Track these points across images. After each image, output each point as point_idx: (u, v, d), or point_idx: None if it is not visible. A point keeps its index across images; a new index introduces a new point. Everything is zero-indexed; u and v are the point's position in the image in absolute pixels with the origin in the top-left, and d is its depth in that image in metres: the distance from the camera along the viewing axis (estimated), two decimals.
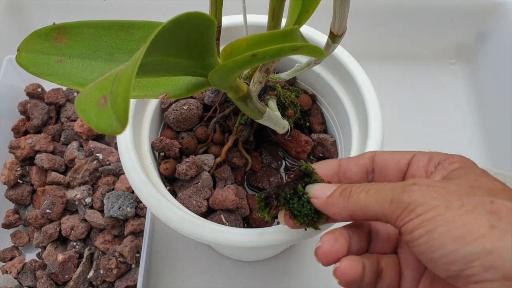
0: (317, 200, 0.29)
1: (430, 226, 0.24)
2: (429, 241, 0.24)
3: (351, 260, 0.27)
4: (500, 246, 0.22)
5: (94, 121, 0.19)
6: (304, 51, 0.25)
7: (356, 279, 0.27)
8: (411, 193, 0.25)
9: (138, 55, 0.19)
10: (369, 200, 0.26)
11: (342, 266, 0.27)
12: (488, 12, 0.73)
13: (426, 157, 0.29)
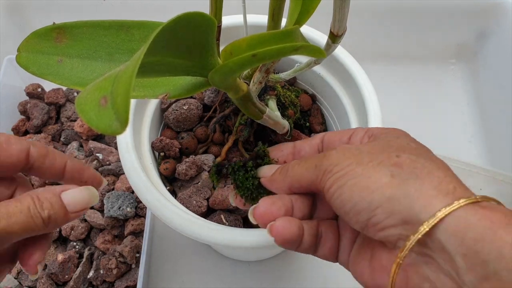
0: (263, 178, 0.32)
1: (341, 182, 0.26)
2: (341, 195, 0.26)
3: (287, 220, 0.28)
4: (399, 192, 0.24)
5: (95, 121, 0.19)
6: (304, 51, 0.25)
7: (292, 238, 0.28)
8: (329, 157, 0.27)
9: (138, 55, 0.19)
10: (300, 170, 0.29)
11: (276, 224, 0.28)
12: (488, 12, 0.73)
13: (363, 131, 0.31)
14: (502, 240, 0.20)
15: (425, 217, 0.23)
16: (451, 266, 0.22)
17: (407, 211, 0.23)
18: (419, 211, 0.23)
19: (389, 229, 0.24)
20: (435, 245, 0.23)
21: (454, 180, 0.24)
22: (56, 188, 0.30)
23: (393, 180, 0.24)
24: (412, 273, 0.24)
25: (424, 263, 0.24)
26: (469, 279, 0.21)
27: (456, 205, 0.22)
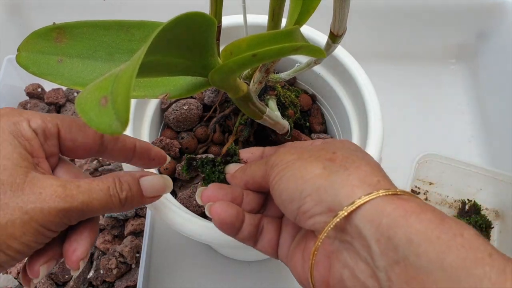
0: (227, 174, 0.35)
1: (282, 173, 0.28)
2: (280, 185, 0.28)
3: (225, 204, 0.30)
4: (327, 183, 0.25)
5: (95, 121, 0.19)
6: (304, 51, 0.25)
7: (229, 221, 0.30)
8: (277, 154, 0.30)
9: (139, 55, 0.19)
10: (255, 167, 0.32)
11: (215, 205, 0.30)
12: (488, 12, 0.73)
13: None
14: (413, 227, 0.22)
15: (346, 203, 0.24)
16: (367, 252, 0.23)
17: (332, 199, 0.25)
18: (342, 199, 0.24)
19: (316, 217, 0.26)
20: (353, 231, 0.24)
21: (380, 175, 0.26)
22: (136, 173, 0.32)
23: (324, 172, 0.26)
24: (334, 260, 0.26)
25: (345, 249, 0.25)
26: (381, 263, 0.22)
27: (375, 194, 0.24)
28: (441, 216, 0.23)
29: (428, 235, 0.21)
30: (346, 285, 0.25)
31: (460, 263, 0.20)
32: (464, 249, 0.20)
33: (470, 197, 0.65)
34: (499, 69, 0.71)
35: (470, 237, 0.21)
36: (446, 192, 0.65)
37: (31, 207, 0.26)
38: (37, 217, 0.26)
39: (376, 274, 0.23)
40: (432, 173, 0.65)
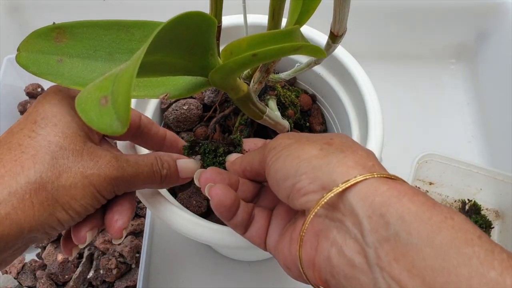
0: (228, 162, 0.36)
1: (279, 155, 0.29)
2: (275, 165, 0.28)
3: (225, 187, 0.31)
4: (323, 162, 0.26)
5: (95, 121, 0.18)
6: (305, 51, 0.25)
7: (228, 204, 0.30)
8: (275, 139, 0.31)
9: (139, 54, 0.19)
10: (253, 154, 0.33)
11: (215, 187, 0.31)
12: (488, 12, 0.73)
13: None
14: (405, 206, 0.22)
15: (340, 181, 0.25)
16: (357, 229, 0.24)
17: (326, 177, 0.25)
18: (336, 177, 0.25)
19: (309, 195, 0.26)
20: (346, 208, 0.25)
21: (375, 161, 0.27)
22: (173, 155, 0.35)
23: (321, 153, 0.27)
24: (322, 238, 0.26)
25: (334, 227, 0.26)
26: (371, 240, 0.23)
27: (369, 175, 0.24)
28: (433, 201, 0.23)
29: (420, 215, 0.22)
30: (333, 263, 0.25)
31: (450, 242, 0.20)
32: (454, 230, 0.21)
33: (470, 197, 0.65)
34: (499, 69, 0.71)
35: (460, 221, 0.22)
36: (446, 192, 0.65)
37: (90, 172, 0.28)
38: (95, 182, 0.29)
39: (365, 250, 0.23)
40: (432, 173, 0.65)
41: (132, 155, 0.32)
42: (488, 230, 0.62)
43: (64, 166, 0.28)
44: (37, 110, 0.29)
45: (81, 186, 0.28)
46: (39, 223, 0.27)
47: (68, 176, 0.28)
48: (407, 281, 0.21)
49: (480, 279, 0.19)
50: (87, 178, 0.28)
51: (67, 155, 0.28)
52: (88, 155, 0.29)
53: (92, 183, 0.29)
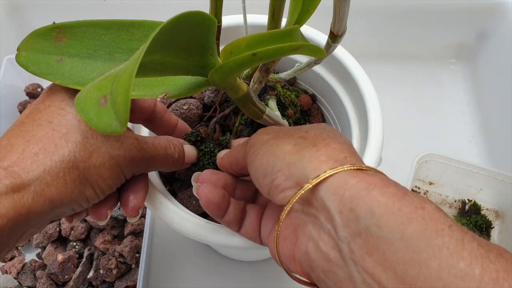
0: (217, 159, 0.37)
1: (257, 152, 0.29)
2: (255, 162, 0.29)
3: (213, 186, 0.32)
4: (296, 158, 0.26)
5: (94, 120, 0.18)
6: (304, 50, 0.25)
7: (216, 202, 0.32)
8: (255, 135, 0.31)
9: (138, 54, 0.19)
10: (237, 149, 0.33)
11: (204, 186, 0.32)
12: (488, 12, 0.73)
13: None
14: (374, 199, 0.22)
15: (312, 177, 0.25)
16: (330, 224, 0.24)
17: (299, 173, 0.26)
18: (308, 173, 0.25)
19: (286, 191, 0.26)
20: (318, 203, 0.25)
21: (348, 152, 0.27)
22: (180, 140, 0.37)
23: (294, 148, 0.27)
24: (300, 233, 0.27)
25: (310, 222, 0.26)
26: (343, 234, 0.23)
27: (339, 169, 0.24)
28: (404, 191, 0.23)
29: (390, 207, 0.22)
30: (311, 258, 0.25)
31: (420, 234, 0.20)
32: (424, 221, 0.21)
33: (470, 197, 0.64)
34: (499, 69, 0.71)
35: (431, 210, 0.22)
36: (446, 192, 0.65)
37: (116, 153, 0.30)
38: (120, 163, 0.30)
39: (339, 245, 0.23)
40: (432, 173, 0.65)
41: (149, 138, 0.33)
42: (488, 230, 0.62)
43: (94, 146, 0.29)
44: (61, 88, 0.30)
45: (109, 166, 0.30)
46: (70, 200, 0.28)
47: (98, 156, 0.29)
48: (380, 275, 0.21)
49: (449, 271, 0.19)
50: (114, 158, 0.30)
51: (96, 135, 0.29)
52: (114, 136, 0.30)
53: (118, 163, 0.30)
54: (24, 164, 0.26)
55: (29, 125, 0.29)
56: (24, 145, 0.27)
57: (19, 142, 0.27)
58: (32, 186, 0.26)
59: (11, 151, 0.27)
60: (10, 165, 0.26)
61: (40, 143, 0.27)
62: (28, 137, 0.28)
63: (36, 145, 0.27)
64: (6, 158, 0.27)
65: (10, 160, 0.27)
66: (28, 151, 0.27)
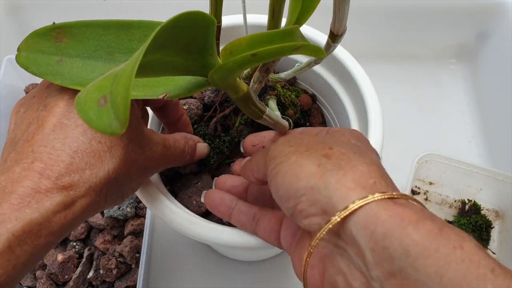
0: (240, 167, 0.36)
1: (278, 168, 0.27)
2: (276, 181, 0.27)
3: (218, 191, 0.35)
4: (321, 182, 0.24)
5: (94, 121, 0.18)
6: (304, 50, 0.25)
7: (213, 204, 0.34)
8: (275, 146, 0.29)
9: (138, 54, 0.19)
10: (257, 157, 0.32)
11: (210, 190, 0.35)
12: (488, 12, 0.73)
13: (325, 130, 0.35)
14: (410, 238, 0.20)
15: (340, 207, 0.23)
16: (361, 260, 0.22)
17: (326, 201, 0.24)
18: (336, 201, 0.23)
19: (311, 218, 0.25)
20: (348, 237, 0.23)
21: (377, 175, 0.25)
22: (194, 137, 0.39)
23: (318, 170, 0.25)
24: (328, 265, 0.25)
25: (339, 254, 0.24)
26: (376, 274, 0.21)
27: (370, 199, 0.22)
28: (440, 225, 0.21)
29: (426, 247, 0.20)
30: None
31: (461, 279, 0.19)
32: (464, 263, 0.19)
33: (470, 197, 0.64)
34: (499, 69, 0.71)
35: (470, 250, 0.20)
36: (446, 192, 0.65)
37: (149, 165, 0.31)
38: (149, 172, 0.33)
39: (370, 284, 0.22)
40: (432, 173, 0.65)
41: (170, 138, 0.35)
42: (488, 230, 0.62)
43: (133, 160, 0.29)
44: None
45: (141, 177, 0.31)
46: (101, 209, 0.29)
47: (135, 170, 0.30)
48: None
49: None
50: (146, 169, 0.31)
51: (134, 148, 0.30)
52: (147, 145, 0.31)
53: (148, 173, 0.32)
54: (72, 179, 0.26)
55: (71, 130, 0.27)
56: (71, 158, 0.26)
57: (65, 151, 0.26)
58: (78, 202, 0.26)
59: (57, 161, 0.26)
60: (58, 178, 0.26)
61: (86, 157, 0.27)
62: (74, 148, 0.27)
63: (83, 159, 0.26)
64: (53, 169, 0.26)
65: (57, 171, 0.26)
66: (75, 164, 0.26)
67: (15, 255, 0.23)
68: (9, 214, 0.24)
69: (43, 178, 0.25)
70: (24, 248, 0.24)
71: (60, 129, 0.27)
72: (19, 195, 0.24)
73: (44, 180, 0.25)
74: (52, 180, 0.25)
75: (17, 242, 0.23)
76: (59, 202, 0.25)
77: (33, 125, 0.28)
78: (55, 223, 0.25)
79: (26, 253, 0.24)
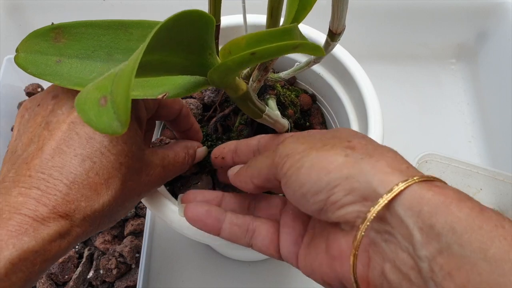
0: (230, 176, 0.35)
1: (298, 164, 0.26)
2: (298, 177, 0.26)
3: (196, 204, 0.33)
4: (355, 171, 0.24)
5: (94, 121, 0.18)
6: (303, 49, 0.25)
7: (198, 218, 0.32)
8: (285, 144, 0.29)
9: (137, 53, 0.18)
10: (260, 160, 0.31)
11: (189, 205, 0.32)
12: (488, 12, 0.73)
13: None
14: (454, 215, 0.21)
15: (383, 191, 0.23)
16: (409, 241, 0.22)
17: (365, 187, 0.24)
18: (377, 186, 0.23)
19: (348, 207, 0.24)
20: (394, 219, 0.23)
21: (405, 161, 0.25)
22: (194, 143, 0.39)
23: (348, 160, 0.25)
24: (373, 253, 0.25)
25: (383, 241, 0.24)
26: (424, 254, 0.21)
27: (411, 181, 0.23)
28: (479, 205, 0.22)
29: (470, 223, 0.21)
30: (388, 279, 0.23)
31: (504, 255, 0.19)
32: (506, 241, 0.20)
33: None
34: (499, 69, 0.71)
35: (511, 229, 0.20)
36: None
37: (145, 189, 0.31)
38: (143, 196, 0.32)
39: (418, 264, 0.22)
40: (432, 173, 0.64)
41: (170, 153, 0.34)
42: None
43: (130, 189, 0.29)
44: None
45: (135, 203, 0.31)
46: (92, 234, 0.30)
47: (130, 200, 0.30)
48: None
49: None
50: (140, 195, 0.31)
51: (132, 176, 0.29)
52: (145, 171, 0.31)
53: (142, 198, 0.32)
54: (68, 209, 0.26)
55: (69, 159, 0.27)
56: (68, 188, 0.26)
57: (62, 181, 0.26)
58: (73, 232, 0.26)
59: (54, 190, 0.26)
60: (55, 207, 0.26)
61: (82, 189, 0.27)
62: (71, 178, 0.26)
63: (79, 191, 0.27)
64: (50, 198, 0.26)
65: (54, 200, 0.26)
66: (71, 195, 0.26)
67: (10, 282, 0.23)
68: (7, 240, 0.24)
69: (40, 206, 0.25)
70: (19, 276, 0.24)
71: (59, 156, 0.27)
72: (17, 222, 0.24)
73: (41, 207, 0.25)
74: (49, 208, 0.25)
75: (13, 270, 0.23)
76: (55, 231, 0.25)
77: (34, 144, 0.28)
78: (50, 251, 0.25)
79: (21, 280, 0.24)
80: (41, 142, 0.28)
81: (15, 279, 0.23)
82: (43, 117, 0.29)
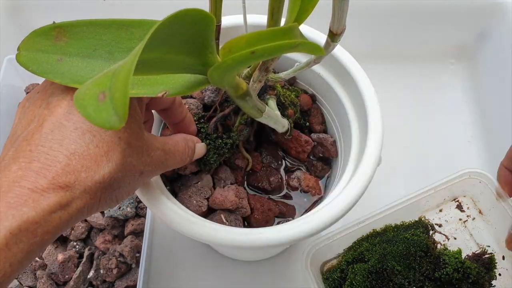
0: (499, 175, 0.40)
1: None
2: None
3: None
4: None
5: (93, 116, 0.19)
6: (303, 48, 0.25)
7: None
8: None
9: (136, 51, 0.19)
10: None
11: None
12: (488, 12, 0.73)
13: None
14: None
15: None
16: None
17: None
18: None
19: None
20: None
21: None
22: (194, 138, 0.40)
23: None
24: None
25: None
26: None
27: None
28: None
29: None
30: None
31: None
32: None
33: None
34: (499, 69, 0.71)
35: None
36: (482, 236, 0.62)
37: (146, 169, 0.31)
38: (146, 177, 0.32)
39: None
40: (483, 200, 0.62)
41: (170, 141, 0.35)
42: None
43: (130, 165, 0.30)
44: None
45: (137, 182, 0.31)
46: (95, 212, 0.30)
47: (131, 176, 0.30)
48: None
49: None
50: (143, 174, 0.31)
51: (132, 153, 0.30)
52: (146, 151, 0.31)
53: (145, 179, 0.32)
54: (68, 180, 0.26)
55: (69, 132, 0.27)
56: (68, 159, 0.27)
57: (62, 152, 0.27)
58: (73, 204, 0.27)
59: (54, 161, 0.26)
60: (54, 177, 0.26)
61: (83, 160, 0.27)
62: (71, 150, 0.27)
63: (79, 161, 0.27)
64: (50, 169, 0.26)
65: (54, 171, 0.26)
66: (71, 166, 0.26)
67: (11, 253, 0.23)
68: (6, 212, 0.24)
69: (40, 177, 0.25)
70: (20, 246, 0.24)
71: (59, 130, 0.27)
72: (16, 194, 0.24)
73: (41, 179, 0.25)
74: (49, 179, 0.26)
75: (13, 240, 0.23)
76: (55, 202, 0.25)
77: (34, 123, 0.28)
78: (51, 222, 0.25)
79: (22, 251, 0.24)
80: (41, 119, 0.28)
81: (16, 249, 0.24)
82: (42, 100, 0.30)
